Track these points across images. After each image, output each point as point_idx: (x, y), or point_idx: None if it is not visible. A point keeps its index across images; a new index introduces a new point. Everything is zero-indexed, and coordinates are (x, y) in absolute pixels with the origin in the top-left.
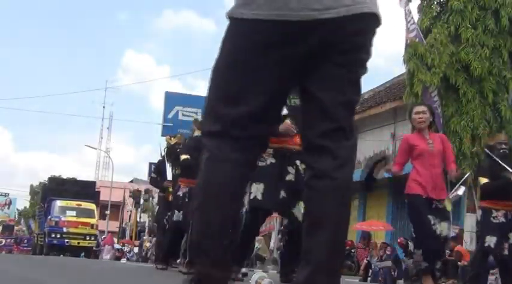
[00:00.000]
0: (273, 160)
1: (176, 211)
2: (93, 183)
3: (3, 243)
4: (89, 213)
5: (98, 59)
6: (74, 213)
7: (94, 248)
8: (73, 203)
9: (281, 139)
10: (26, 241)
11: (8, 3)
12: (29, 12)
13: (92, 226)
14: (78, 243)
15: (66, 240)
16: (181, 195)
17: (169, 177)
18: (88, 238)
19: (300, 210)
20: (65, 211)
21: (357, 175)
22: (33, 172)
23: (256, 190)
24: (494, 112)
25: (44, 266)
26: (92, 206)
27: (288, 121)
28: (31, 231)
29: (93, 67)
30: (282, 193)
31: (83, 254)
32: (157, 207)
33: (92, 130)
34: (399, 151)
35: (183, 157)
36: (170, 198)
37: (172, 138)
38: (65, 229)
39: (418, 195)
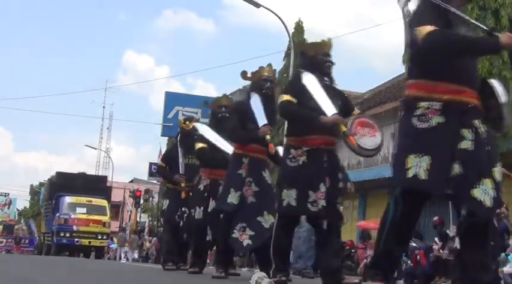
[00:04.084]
0: (442, 120)
1: (197, 208)
2: (104, 178)
3: (3, 243)
4: (100, 210)
5: (97, 59)
6: (84, 209)
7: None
8: (83, 199)
9: (458, 88)
10: (26, 241)
11: (8, 4)
12: (29, 12)
13: (104, 224)
14: (89, 242)
15: (76, 239)
16: (201, 189)
17: (182, 169)
18: (100, 237)
19: (485, 191)
20: (75, 208)
21: (357, 175)
22: (33, 172)
23: (417, 164)
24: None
25: (44, 266)
26: (104, 202)
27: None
28: (31, 231)
29: (93, 67)
30: (457, 168)
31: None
32: (165, 201)
33: (92, 130)
34: None
35: (199, 145)
36: (183, 194)
37: (187, 123)
38: (75, 228)
39: None
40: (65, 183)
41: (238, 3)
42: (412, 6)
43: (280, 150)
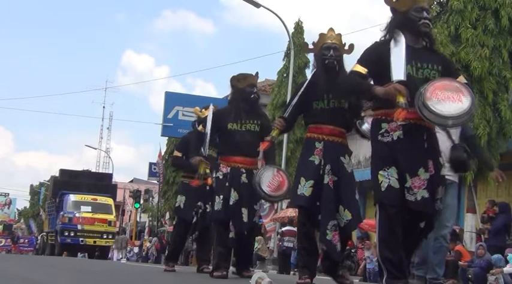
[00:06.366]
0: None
1: (217, 198)
2: (109, 175)
3: (2, 243)
4: (105, 209)
5: (97, 59)
6: (89, 208)
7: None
8: (88, 197)
9: None
10: (26, 240)
11: (8, 4)
12: (29, 13)
13: (109, 223)
14: (95, 242)
15: (81, 239)
16: (221, 177)
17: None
18: (105, 237)
19: None
20: (79, 206)
21: (357, 175)
22: (33, 172)
23: None
24: (494, 112)
25: (44, 266)
26: (109, 201)
27: None
28: (31, 231)
29: (93, 67)
30: None
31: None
32: (181, 197)
33: (92, 130)
34: None
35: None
36: (195, 182)
37: (203, 110)
38: (79, 227)
39: None
40: (69, 181)
41: (238, 3)
42: None
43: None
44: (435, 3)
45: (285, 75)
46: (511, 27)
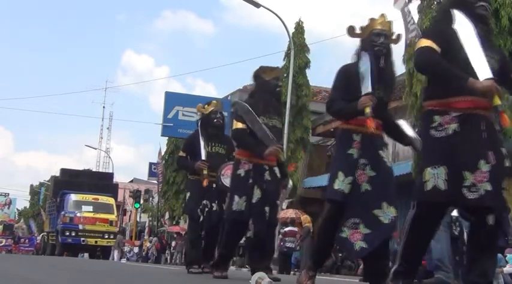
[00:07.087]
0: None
1: (236, 197)
2: (110, 175)
3: (3, 243)
4: (107, 208)
5: (97, 60)
6: (90, 208)
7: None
8: (89, 197)
9: None
10: (26, 241)
11: (8, 4)
12: (29, 13)
13: (110, 222)
14: (96, 242)
15: (82, 238)
16: (242, 175)
17: (203, 155)
18: (107, 236)
19: None
20: (81, 206)
21: None
22: (33, 172)
23: None
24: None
25: (44, 266)
26: (111, 200)
27: None
28: (31, 231)
29: (93, 67)
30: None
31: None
32: (187, 194)
33: (92, 130)
34: None
35: (239, 125)
36: (206, 182)
37: (206, 106)
38: (80, 226)
39: None
40: (70, 180)
41: (238, 3)
42: (413, 6)
43: (402, 123)
44: (435, 3)
45: (285, 75)
46: (511, 27)
